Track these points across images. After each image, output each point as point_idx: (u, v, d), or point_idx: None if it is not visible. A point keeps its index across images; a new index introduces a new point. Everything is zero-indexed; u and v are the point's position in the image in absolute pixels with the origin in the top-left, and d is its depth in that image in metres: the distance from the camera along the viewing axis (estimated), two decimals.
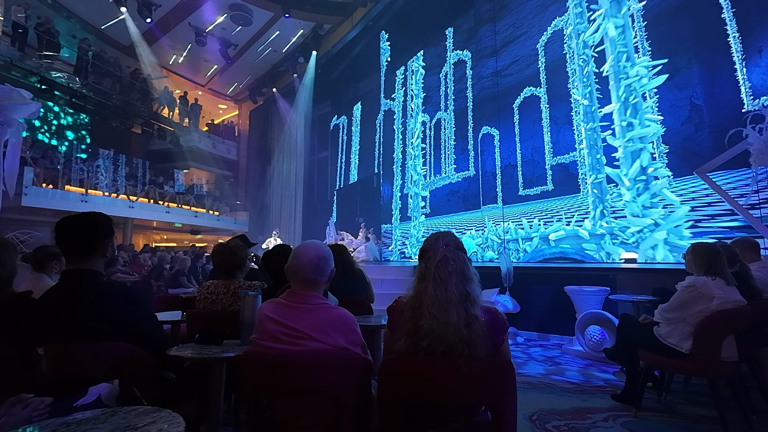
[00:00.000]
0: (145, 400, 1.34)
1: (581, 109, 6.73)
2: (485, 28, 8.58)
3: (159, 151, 14.00)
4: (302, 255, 1.44)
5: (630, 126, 6.02)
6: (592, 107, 6.56)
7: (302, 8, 11.66)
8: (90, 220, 1.58)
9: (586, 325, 4.23)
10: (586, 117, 6.66)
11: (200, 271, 7.80)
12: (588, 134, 6.59)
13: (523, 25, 7.82)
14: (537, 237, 7.20)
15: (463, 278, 1.32)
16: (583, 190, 6.60)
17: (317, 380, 1.32)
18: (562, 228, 6.80)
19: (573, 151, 6.79)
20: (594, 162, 6.47)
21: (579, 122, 6.74)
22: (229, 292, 2.26)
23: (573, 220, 6.66)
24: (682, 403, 2.86)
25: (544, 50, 7.40)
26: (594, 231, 6.37)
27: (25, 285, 2.24)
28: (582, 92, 6.73)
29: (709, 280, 2.35)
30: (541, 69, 7.39)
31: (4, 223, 6.21)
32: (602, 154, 6.36)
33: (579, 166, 6.68)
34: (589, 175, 6.50)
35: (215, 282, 2.33)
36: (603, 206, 6.29)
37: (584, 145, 6.63)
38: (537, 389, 3.20)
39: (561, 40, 7.12)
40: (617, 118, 6.19)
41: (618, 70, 6.23)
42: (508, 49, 8.04)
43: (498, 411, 1.28)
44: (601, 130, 6.40)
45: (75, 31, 11.67)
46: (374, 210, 10.87)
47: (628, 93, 6.09)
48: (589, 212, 6.47)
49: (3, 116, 4.66)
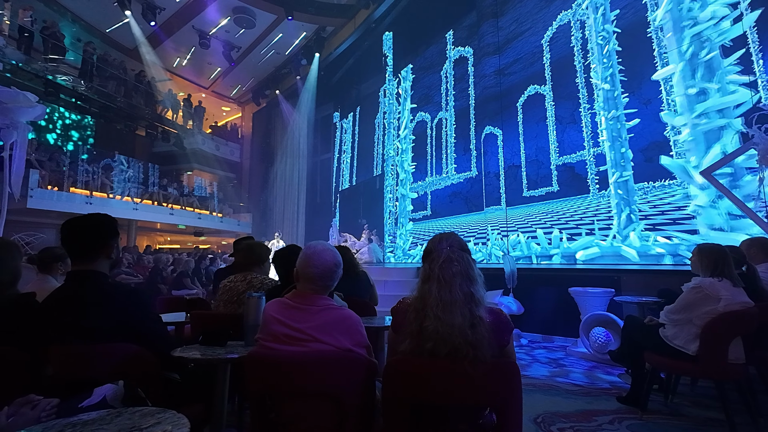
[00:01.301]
0: (150, 401, 1.34)
1: (601, 95, 5.93)
2: (487, 24, 8.37)
3: (163, 154, 14.08)
4: (319, 262, 1.41)
5: (703, 94, 4.47)
6: (614, 92, 5.73)
7: (305, 11, 11.71)
8: (95, 221, 1.59)
9: (590, 327, 4.20)
10: (607, 104, 5.83)
11: (204, 273, 7.82)
12: (610, 124, 5.74)
13: (527, 20, 7.59)
14: (558, 254, 6.35)
15: (467, 279, 1.32)
16: (593, 190, 6.04)
17: (321, 381, 1.32)
18: (594, 243, 5.68)
19: (581, 150, 6.40)
20: (618, 157, 5.59)
21: (599, 110, 5.96)
22: (246, 281, 2.43)
23: (595, 226, 5.94)
24: (689, 405, 2.83)
25: (549, 46, 7.12)
26: (646, 249, 5.03)
27: (30, 286, 2.25)
28: (602, 75, 5.89)
29: (716, 281, 2.33)
30: (546, 65, 7.12)
31: (10, 225, 6.26)
32: (628, 148, 5.56)
33: (588, 165, 6.21)
34: (611, 172, 5.65)
35: (234, 276, 2.49)
36: (630, 210, 5.40)
37: (605, 136, 5.82)
38: (542, 391, 3.18)
39: (567, 35, 6.82)
40: (680, 85, 4.70)
41: (679, 15, 4.74)
42: (511, 46, 7.82)
43: (503, 413, 1.27)
44: (626, 119, 5.58)
45: (80, 35, 11.77)
46: (377, 211, 10.87)
47: (698, 47, 4.56)
48: (612, 217, 5.63)
49: (9, 119, 4.70)
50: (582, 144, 6.44)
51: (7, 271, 1.71)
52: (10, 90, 4.79)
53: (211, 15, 11.79)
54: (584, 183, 6.36)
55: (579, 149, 6.50)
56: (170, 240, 15.33)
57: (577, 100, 6.58)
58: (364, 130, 12.24)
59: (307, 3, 11.56)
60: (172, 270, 7.74)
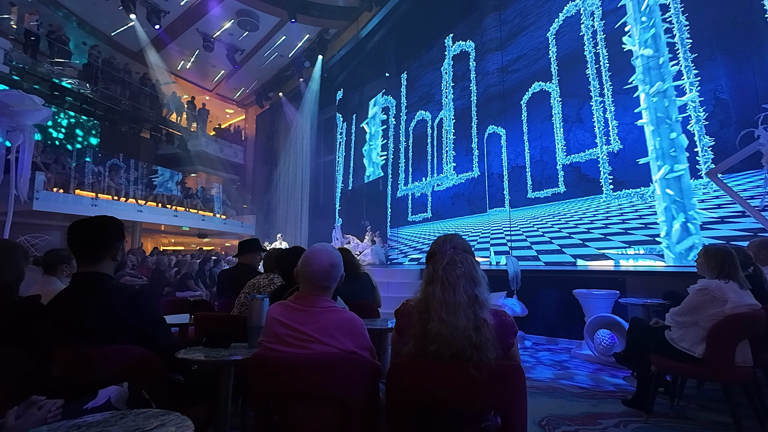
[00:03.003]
0: (154, 402, 1.35)
1: (640, 65, 4.84)
2: (490, 17, 8.03)
3: (167, 156, 14.17)
4: (315, 261, 1.44)
5: None
6: (659, 58, 4.63)
7: (308, 13, 11.76)
8: (101, 223, 1.60)
9: (595, 329, 4.18)
10: (649, 76, 4.74)
11: (207, 275, 7.83)
12: (654, 102, 4.65)
13: (531, 13, 7.24)
14: None
15: (471, 281, 1.31)
16: (606, 190, 5.32)
17: (325, 384, 1.31)
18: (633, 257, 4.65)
19: (590, 148, 5.94)
20: (666, 145, 4.44)
21: (638, 83, 4.89)
22: (268, 278, 2.71)
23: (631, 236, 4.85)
24: (695, 409, 2.80)
25: (555, 39, 6.73)
26: None
27: (35, 288, 2.27)
28: (641, 39, 4.83)
29: (722, 283, 2.31)
30: (553, 59, 6.73)
31: (16, 227, 6.32)
32: (681, 132, 4.35)
33: (600, 164, 5.56)
34: (657, 166, 4.49)
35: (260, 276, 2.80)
36: (686, 217, 4.24)
37: (646, 118, 4.71)
38: (546, 394, 3.16)
39: (574, 26, 6.41)
40: None
41: None
42: (515, 42, 7.50)
43: (508, 416, 1.27)
44: (676, 94, 4.38)
45: (86, 38, 11.88)
46: (380, 213, 10.87)
47: None
48: (660, 227, 4.45)
49: (15, 122, 4.75)
50: (592, 141, 6.01)
51: (11, 272, 1.72)
52: (16, 93, 4.84)
53: (215, 18, 11.87)
54: (593, 183, 5.93)
55: (588, 147, 6.08)
56: (174, 242, 15.41)
57: (587, 92, 6.05)
58: (367, 131, 12.26)
59: (310, 6, 11.62)
60: (176, 272, 7.77)
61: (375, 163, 11.59)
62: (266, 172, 16.00)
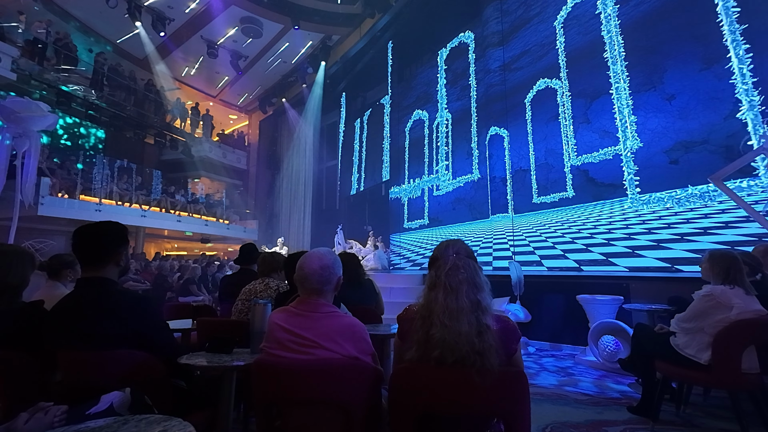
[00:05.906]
0: (157, 408, 1.35)
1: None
2: (491, 7, 7.68)
3: (171, 161, 14.27)
4: (307, 265, 1.46)
5: None
6: None
7: (311, 20, 11.89)
8: (106, 228, 1.62)
9: (599, 335, 4.14)
10: None
11: (210, 280, 7.85)
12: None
13: (536, 4, 6.82)
14: None
15: (474, 287, 1.31)
16: (632, 193, 4.82)
17: (327, 389, 1.31)
18: None
19: (605, 147, 5.41)
20: None
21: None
22: (263, 283, 2.68)
23: None
24: (702, 416, 2.77)
25: (563, 29, 6.22)
26: None
27: (40, 293, 2.28)
28: None
29: (728, 288, 2.29)
30: (560, 51, 6.25)
31: (21, 232, 6.38)
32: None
33: (624, 162, 5.05)
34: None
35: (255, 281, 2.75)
36: None
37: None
38: (550, 401, 3.13)
39: (585, 12, 5.96)
40: None
41: None
42: (517, 36, 7.11)
43: (511, 422, 1.26)
44: None
45: (92, 45, 12.03)
46: (383, 218, 10.86)
47: None
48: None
49: (22, 128, 4.81)
50: (607, 141, 5.51)
51: (16, 277, 1.73)
52: (23, 100, 4.91)
53: (219, 25, 12.01)
54: (610, 187, 5.41)
55: (602, 147, 5.58)
56: (177, 246, 15.45)
57: (603, 87, 5.53)
58: (369, 137, 12.31)
59: (313, 12, 11.74)
60: (179, 277, 7.79)
61: (377, 168, 11.62)
62: (269, 177, 16.06)
